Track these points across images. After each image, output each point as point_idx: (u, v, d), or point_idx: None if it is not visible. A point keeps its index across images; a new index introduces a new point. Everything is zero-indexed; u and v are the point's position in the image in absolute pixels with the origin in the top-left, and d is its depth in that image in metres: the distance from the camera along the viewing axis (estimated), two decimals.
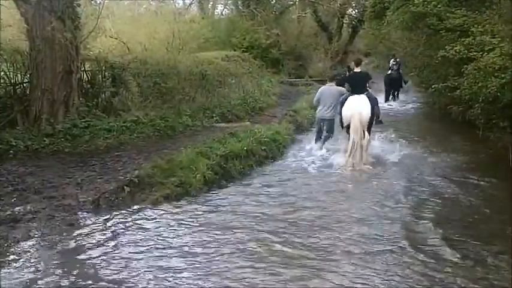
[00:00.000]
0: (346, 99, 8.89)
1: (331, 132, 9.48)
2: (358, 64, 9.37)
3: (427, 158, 9.00)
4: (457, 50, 8.92)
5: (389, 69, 19.40)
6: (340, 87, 9.57)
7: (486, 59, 7.95)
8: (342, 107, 8.92)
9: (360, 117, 8.43)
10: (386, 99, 18.15)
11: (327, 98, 9.41)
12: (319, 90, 9.83)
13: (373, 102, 8.89)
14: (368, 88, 9.35)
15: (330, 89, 9.55)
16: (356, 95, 8.83)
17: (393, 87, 18.72)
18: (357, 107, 8.57)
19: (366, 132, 8.57)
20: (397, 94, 19.13)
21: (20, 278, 4.18)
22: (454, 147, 9.75)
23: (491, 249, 4.81)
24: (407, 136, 11.02)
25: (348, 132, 8.67)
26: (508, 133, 8.92)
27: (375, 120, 8.98)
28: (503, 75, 7.72)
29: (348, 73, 10.83)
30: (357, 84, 9.06)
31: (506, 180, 7.23)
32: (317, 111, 9.75)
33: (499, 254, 4.69)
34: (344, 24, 30.20)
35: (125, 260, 4.54)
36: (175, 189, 6.43)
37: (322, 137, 9.51)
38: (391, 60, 19.23)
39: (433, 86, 11.09)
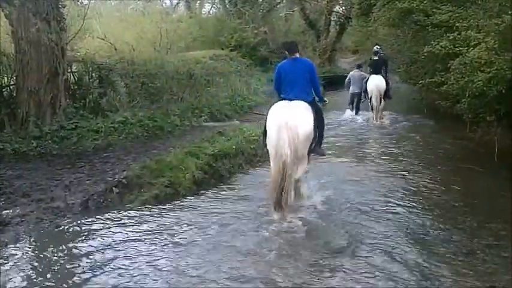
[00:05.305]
0: (368, 79, 13.34)
1: (360, 100, 13.97)
2: (375, 53, 14.00)
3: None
4: (443, 45, 8.96)
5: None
6: (363, 73, 14.08)
7: (472, 53, 7.98)
8: (366, 84, 13.33)
9: (378, 90, 12.83)
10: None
11: (357, 80, 13.89)
12: (350, 74, 14.54)
13: (388, 78, 13.73)
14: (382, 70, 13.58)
15: (355, 74, 14.16)
16: (374, 75, 13.24)
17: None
18: (376, 82, 12.97)
19: (383, 100, 12.99)
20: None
21: (8, 282, 4.14)
22: (442, 140, 10.01)
23: (478, 242, 4.85)
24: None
25: (370, 102, 13.11)
26: (494, 127, 9.01)
27: (388, 95, 13.38)
28: (489, 70, 7.76)
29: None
30: (375, 68, 13.58)
31: (492, 174, 7.29)
32: (350, 90, 14.10)
33: (486, 246, 4.73)
34: (331, 22, 30.26)
35: (115, 263, 4.51)
36: (165, 190, 6.40)
37: (355, 105, 14.03)
38: (375, 47, 19.94)
39: (420, 82, 11.16)
